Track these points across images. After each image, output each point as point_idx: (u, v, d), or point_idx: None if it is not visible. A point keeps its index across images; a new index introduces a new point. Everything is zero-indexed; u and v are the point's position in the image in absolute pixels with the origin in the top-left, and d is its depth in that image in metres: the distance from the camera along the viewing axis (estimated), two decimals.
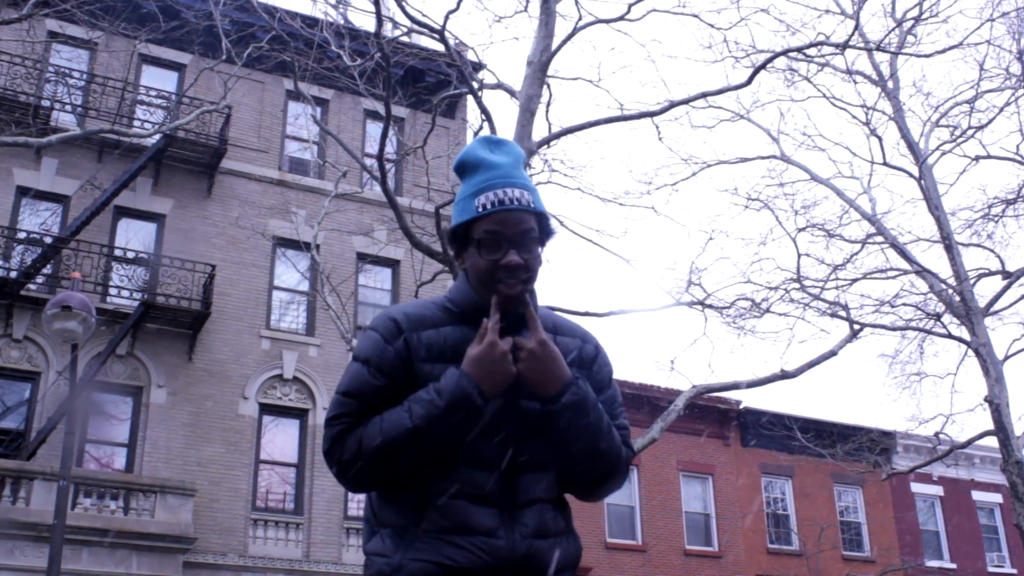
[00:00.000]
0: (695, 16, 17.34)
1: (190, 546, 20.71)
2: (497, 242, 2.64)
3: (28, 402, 21.73)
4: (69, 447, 13.83)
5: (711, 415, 30.61)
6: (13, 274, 21.64)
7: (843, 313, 19.82)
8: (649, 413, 27.43)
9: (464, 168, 2.75)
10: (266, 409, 23.58)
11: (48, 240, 22.43)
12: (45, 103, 23.23)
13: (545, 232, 2.72)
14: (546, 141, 16.12)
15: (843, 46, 17.15)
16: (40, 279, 22.33)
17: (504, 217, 2.64)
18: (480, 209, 2.65)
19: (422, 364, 2.63)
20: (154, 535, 20.22)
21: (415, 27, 15.67)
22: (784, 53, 17.25)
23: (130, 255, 23.48)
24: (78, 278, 15.42)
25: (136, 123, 24.06)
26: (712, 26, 17.90)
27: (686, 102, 16.71)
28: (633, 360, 58.10)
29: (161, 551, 20.30)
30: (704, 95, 16.74)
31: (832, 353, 18.66)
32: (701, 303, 18.53)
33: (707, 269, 31.87)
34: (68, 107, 23.73)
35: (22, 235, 22.72)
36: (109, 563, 19.82)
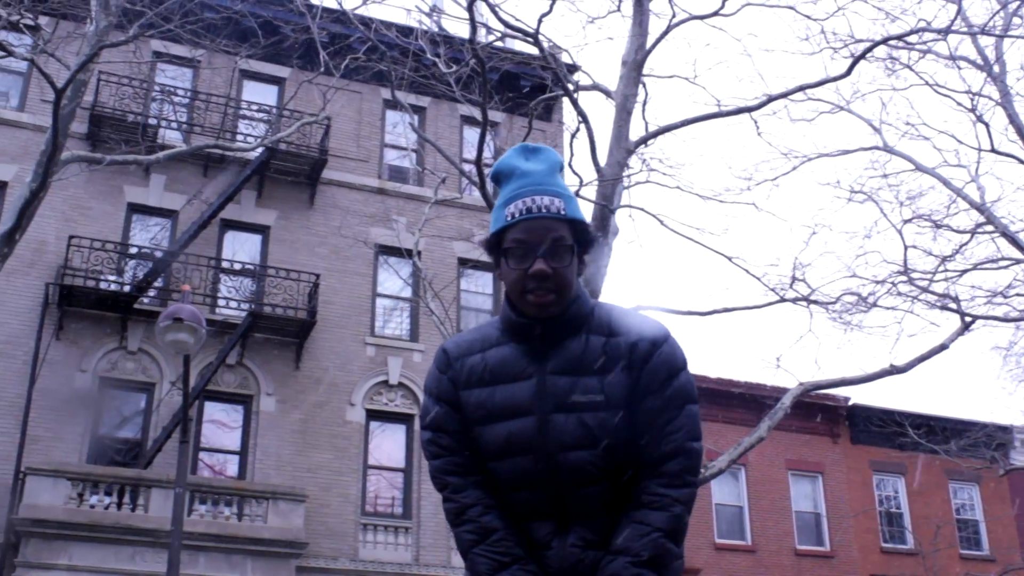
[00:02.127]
0: (791, 8, 17.12)
1: (302, 551, 21.05)
2: (525, 251, 2.61)
3: (144, 412, 22.33)
4: (184, 455, 14.18)
5: (819, 413, 30.10)
6: (126, 288, 22.26)
7: (953, 305, 19.33)
8: (756, 412, 27.08)
9: (499, 177, 2.74)
10: (373, 415, 23.87)
11: (158, 254, 23.03)
12: (152, 121, 23.87)
13: (582, 240, 2.66)
14: (643, 140, 16.06)
15: (945, 31, 16.76)
16: (152, 292, 22.93)
17: (531, 225, 2.61)
18: (509, 218, 2.64)
19: (463, 391, 2.73)
20: (267, 540, 20.61)
21: (509, 32, 15.75)
22: (884, 41, 16.91)
23: (237, 267, 24.00)
24: (188, 291, 15.79)
25: (239, 137, 24.59)
26: (809, 17, 17.69)
27: (784, 96, 16.50)
28: (739, 359, 57.44)
29: (274, 556, 20.69)
30: (802, 88, 16.51)
31: (943, 347, 18.21)
32: (806, 299, 18.25)
33: (811, 264, 31.46)
34: (174, 124, 24.35)
35: (134, 250, 23.37)
36: (225, 568, 20.26)
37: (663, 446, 2.62)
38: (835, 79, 16.42)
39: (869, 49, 16.22)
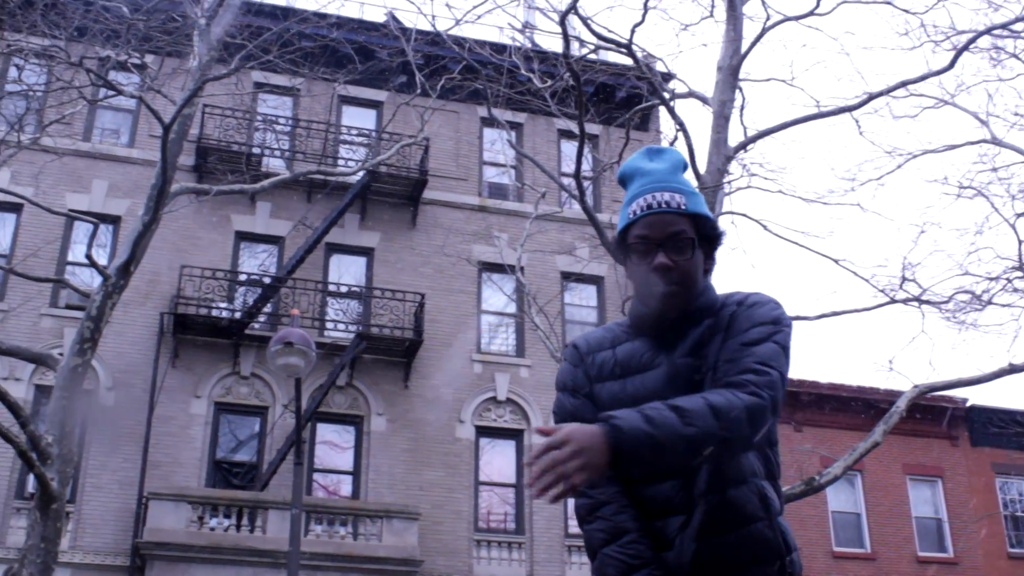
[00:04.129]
0: (888, 3, 16.81)
1: (417, 568, 21.21)
2: (647, 246, 2.67)
3: (258, 435, 22.77)
4: (299, 477, 14.41)
5: (936, 415, 29.35)
6: (237, 315, 22.76)
7: None
8: (870, 416, 26.54)
9: (624, 179, 2.81)
10: (482, 431, 23.97)
11: (267, 280, 23.50)
12: (256, 150, 24.41)
13: (707, 235, 2.72)
14: (743, 145, 15.91)
15: None
16: (262, 318, 23.39)
17: (652, 220, 2.67)
18: (631, 215, 2.71)
19: (596, 385, 2.77)
20: (382, 559, 20.81)
21: (602, 43, 15.75)
22: (988, 31, 16.49)
23: (343, 289, 24.37)
24: (297, 315, 16.06)
25: (340, 162, 24.99)
26: (907, 11, 17.33)
27: (885, 93, 16.20)
28: (850, 363, 56.34)
29: (390, 574, 20.88)
30: (904, 84, 16.19)
31: None
32: (917, 299, 17.84)
33: (921, 263, 30.71)
34: (277, 152, 24.87)
35: (243, 277, 23.89)
36: None
37: (737, 367, 2.58)
38: (938, 73, 16.07)
39: (972, 40, 15.84)
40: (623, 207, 2.76)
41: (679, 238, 2.66)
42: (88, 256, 15.22)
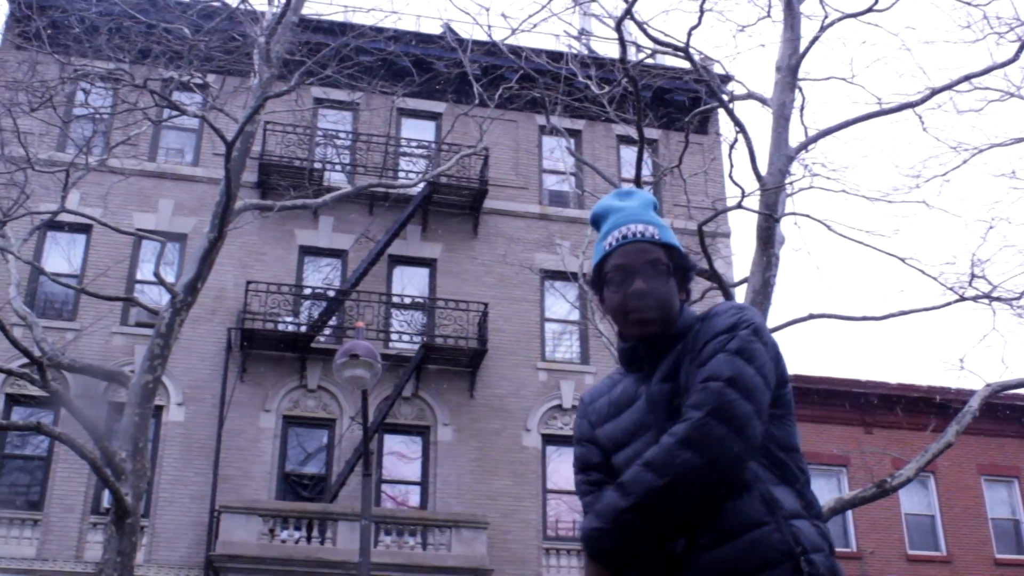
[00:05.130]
0: None
1: None
2: (624, 275, 2.74)
3: (327, 447, 22.97)
4: (367, 488, 14.50)
5: (1011, 414, 28.80)
6: (303, 328, 22.98)
7: None
8: (942, 417, 26.11)
9: (597, 218, 2.91)
10: (548, 439, 23.95)
11: (331, 294, 23.71)
12: (317, 165, 24.66)
13: (679, 265, 2.80)
14: (804, 146, 15.76)
15: None
16: (327, 331, 23.60)
17: (628, 249, 2.76)
18: (607, 247, 2.79)
19: (597, 431, 2.87)
20: (452, 568, 20.86)
21: (659, 48, 15.70)
22: None
23: (407, 301, 24.51)
24: (362, 327, 16.18)
25: (401, 174, 25.17)
26: (969, 3, 17.02)
27: (949, 87, 15.94)
28: (920, 362, 55.53)
29: None
30: (968, 77, 15.93)
31: None
32: (987, 296, 17.52)
33: (990, 260, 30.09)
34: (338, 167, 25.10)
35: (308, 291, 24.13)
36: None
37: (689, 396, 2.59)
38: (1002, 65, 15.78)
39: None
40: (597, 242, 2.86)
41: (655, 265, 2.74)
42: (156, 274, 15.47)
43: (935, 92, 15.75)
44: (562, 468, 23.97)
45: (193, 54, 17.47)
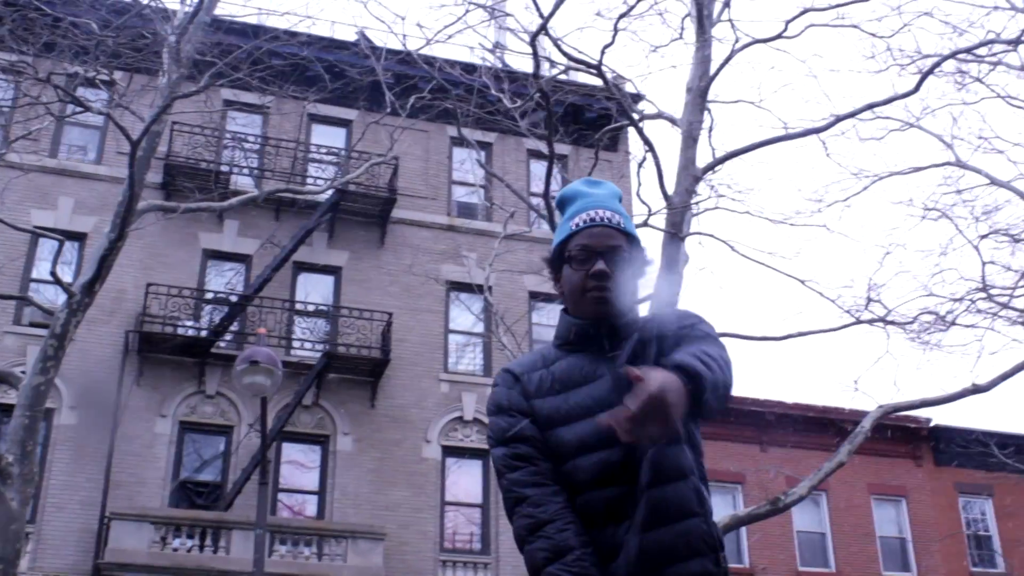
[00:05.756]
0: (855, 27, 16.98)
1: None
2: (588, 255, 2.84)
3: (223, 455, 22.61)
4: (263, 497, 14.31)
5: (900, 435, 29.56)
6: (203, 333, 22.62)
7: None
8: (835, 436, 26.68)
9: (564, 201, 2.99)
10: (449, 451, 23.91)
11: (234, 299, 23.38)
12: (224, 168, 24.33)
13: (637, 256, 2.88)
14: (711, 167, 16.00)
15: (1015, 42, 16.51)
16: (228, 336, 23.27)
17: (594, 232, 2.87)
18: (574, 227, 2.89)
19: (534, 400, 2.84)
20: None
21: (572, 64, 15.82)
22: (952, 55, 16.70)
23: (310, 308, 24.29)
24: (264, 334, 15.99)
25: (309, 180, 24.96)
26: (874, 35, 17.47)
27: (852, 115, 16.34)
28: (816, 383, 56.65)
29: None
30: (871, 106, 16.34)
31: None
32: (882, 320, 17.97)
33: (886, 284, 30.97)
34: (245, 170, 24.79)
35: (210, 296, 23.76)
36: None
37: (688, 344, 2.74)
38: (903, 96, 16.22)
39: (937, 64, 16.02)
40: (562, 223, 2.95)
41: (617, 251, 2.83)
42: (53, 273, 15.11)
43: (839, 119, 16.12)
44: (461, 480, 23.95)
45: (100, 50, 17.10)
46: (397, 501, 22.80)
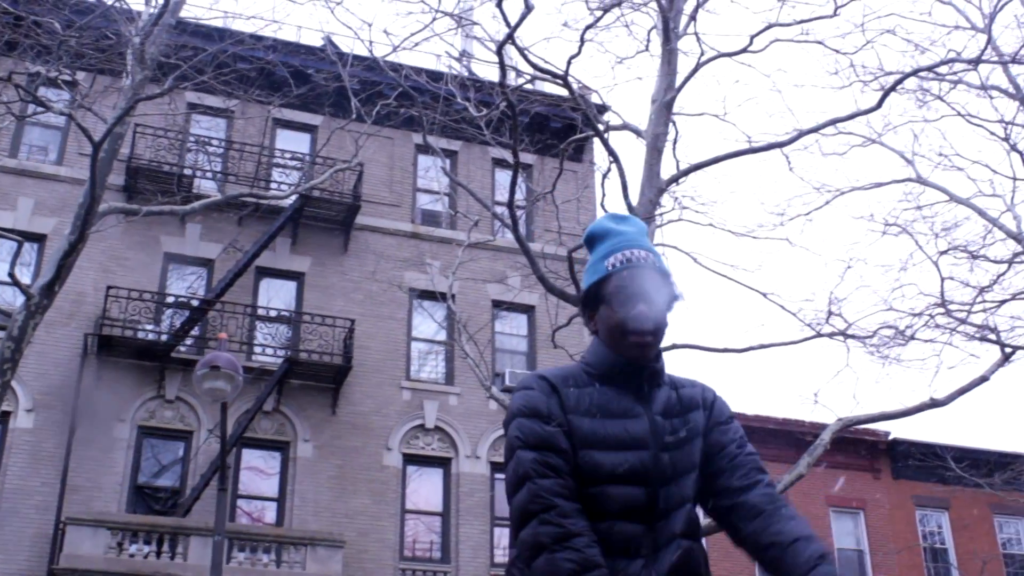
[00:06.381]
0: (819, 43, 17.15)
1: None
2: (627, 297, 2.81)
3: (182, 460, 22.42)
4: (222, 503, 14.21)
5: (859, 448, 29.79)
6: (164, 337, 22.44)
7: (993, 336, 19.11)
8: (795, 448, 26.84)
9: (593, 238, 2.96)
10: (410, 459, 23.83)
11: (195, 303, 23.21)
12: (187, 172, 24.15)
13: (672, 294, 2.88)
14: (675, 179, 16.08)
15: (976, 61, 16.72)
16: (189, 341, 23.09)
17: (632, 274, 2.82)
18: (610, 268, 2.84)
19: (572, 416, 2.79)
20: None
21: (538, 74, 15.86)
22: (914, 73, 16.89)
23: (272, 314, 24.15)
24: (225, 339, 15.89)
25: (273, 185, 24.83)
26: (838, 51, 17.65)
27: (815, 130, 16.49)
28: (776, 395, 57.02)
29: None
30: (833, 122, 16.50)
31: (984, 378, 18.00)
32: (842, 333, 18.12)
33: (847, 298, 31.19)
34: (209, 174, 24.62)
35: (171, 299, 23.57)
36: None
37: (749, 469, 2.95)
38: (866, 112, 16.40)
39: (899, 81, 16.20)
40: (594, 263, 2.91)
41: (656, 292, 2.82)
42: (11, 274, 14.93)
43: (802, 134, 16.26)
44: (421, 488, 23.88)
45: (63, 50, 16.96)
46: (357, 509, 22.70)
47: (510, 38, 14.22)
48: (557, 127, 25.71)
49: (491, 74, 20.70)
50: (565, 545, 2.63)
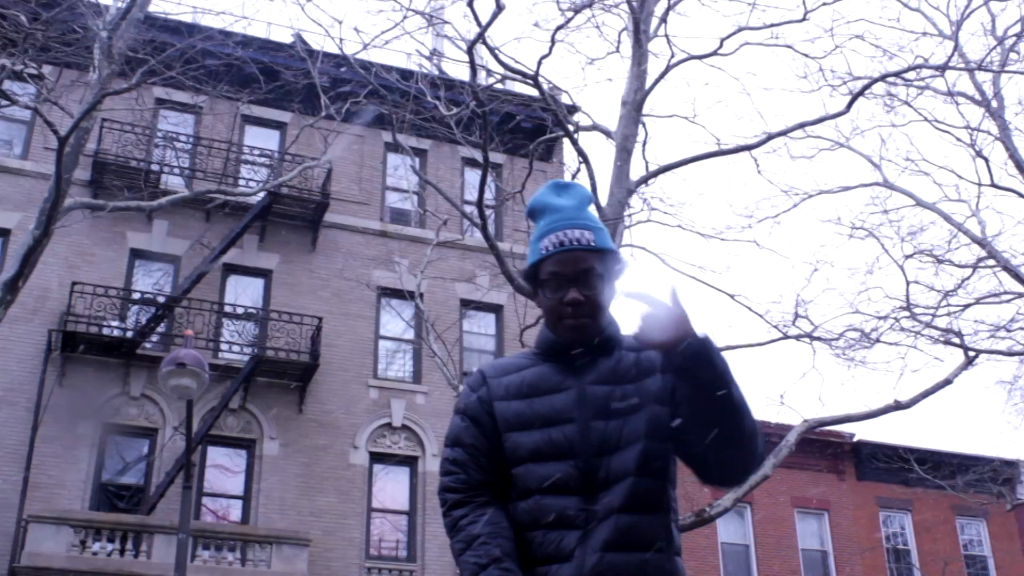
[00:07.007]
0: (789, 47, 17.25)
1: None
2: (560, 281, 2.81)
3: (147, 458, 22.26)
4: (187, 501, 14.13)
5: (824, 449, 30.00)
6: (129, 334, 22.27)
7: (956, 340, 19.31)
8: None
9: (533, 213, 2.95)
10: (376, 458, 23.78)
11: (161, 299, 23.06)
12: (155, 167, 23.97)
13: (613, 268, 2.86)
14: (644, 180, 16.12)
15: (943, 68, 16.88)
16: (155, 338, 22.94)
17: (564, 257, 2.81)
18: (543, 251, 2.84)
19: (498, 403, 2.86)
20: None
21: (509, 74, 15.86)
22: (882, 78, 17.02)
23: (239, 311, 24.02)
24: (191, 336, 15.81)
25: (241, 182, 24.69)
26: (807, 56, 17.78)
27: (784, 133, 16.59)
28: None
29: None
30: (802, 125, 16.60)
31: (947, 382, 18.18)
32: (809, 336, 18.24)
33: (813, 301, 31.37)
34: (176, 170, 24.46)
35: (136, 296, 23.40)
36: None
37: None
38: (834, 116, 16.51)
39: (867, 86, 16.31)
40: (533, 242, 2.90)
41: (590, 274, 2.80)
42: None
43: (771, 137, 16.35)
44: (388, 487, 23.83)
45: (29, 43, 16.79)
46: (323, 507, 22.62)
47: (481, 37, 14.22)
48: (527, 127, 25.71)
49: (462, 73, 20.65)
50: (453, 531, 2.80)
